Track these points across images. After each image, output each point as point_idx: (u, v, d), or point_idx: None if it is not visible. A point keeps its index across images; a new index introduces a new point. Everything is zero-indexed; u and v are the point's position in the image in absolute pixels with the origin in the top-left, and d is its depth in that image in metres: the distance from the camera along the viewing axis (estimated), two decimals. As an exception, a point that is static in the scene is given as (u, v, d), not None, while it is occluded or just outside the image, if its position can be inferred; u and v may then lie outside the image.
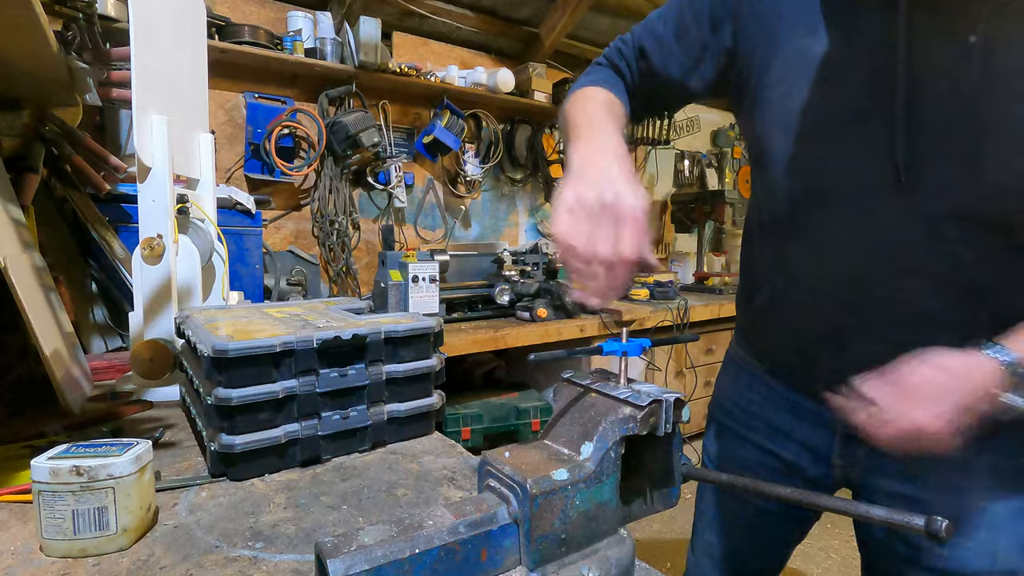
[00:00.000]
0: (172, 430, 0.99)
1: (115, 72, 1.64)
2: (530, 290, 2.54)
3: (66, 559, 0.61)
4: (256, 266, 2.09)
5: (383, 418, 0.92)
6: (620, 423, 0.54)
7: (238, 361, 0.77)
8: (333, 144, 2.59)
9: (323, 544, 0.45)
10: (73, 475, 0.60)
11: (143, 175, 1.12)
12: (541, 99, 3.14)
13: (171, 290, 1.14)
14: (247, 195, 2.15)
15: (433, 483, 0.81)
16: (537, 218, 3.56)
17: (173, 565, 0.60)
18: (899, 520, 0.49)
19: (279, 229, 2.67)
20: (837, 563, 2.29)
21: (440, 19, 2.90)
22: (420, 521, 0.49)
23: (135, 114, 1.04)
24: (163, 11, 1.18)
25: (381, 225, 2.93)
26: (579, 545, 0.53)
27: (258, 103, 2.47)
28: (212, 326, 0.88)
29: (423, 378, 0.96)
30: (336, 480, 0.81)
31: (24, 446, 0.88)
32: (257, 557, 0.62)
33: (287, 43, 2.43)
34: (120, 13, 1.76)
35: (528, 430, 2.54)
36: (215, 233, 1.37)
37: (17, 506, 0.72)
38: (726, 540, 1.00)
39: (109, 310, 1.77)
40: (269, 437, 0.81)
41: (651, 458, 0.59)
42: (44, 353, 0.93)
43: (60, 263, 1.61)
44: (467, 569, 0.48)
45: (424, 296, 2.23)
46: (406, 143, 2.99)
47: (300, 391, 0.83)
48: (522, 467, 0.51)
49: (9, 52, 1.07)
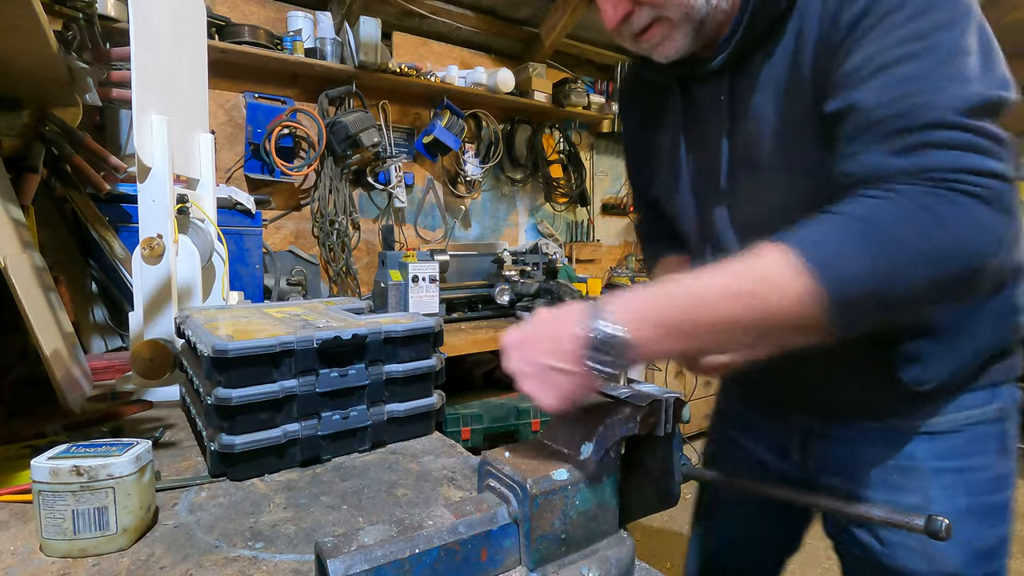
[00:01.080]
0: (172, 430, 0.99)
1: (115, 72, 1.64)
2: (530, 290, 2.53)
3: (66, 559, 0.61)
4: (256, 266, 2.09)
5: (383, 418, 0.92)
6: (620, 423, 0.54)
7: (238, 361, 0.77)
8: (333, 144, 2.59)
9: (323, 544, 0.45)
10: (73, 475, 0.60)
11: (143, 175, 1.12)
12: (541, 99, 3.14)
13: (171, 290, 1.14)
14: (247, 195, 2.15)
15: (433, 483, 0.80)
16: (537, 218, 3.56)
17: (173, 565, 0.60)
18: (899, 520, 0.49)
19: (279, 229, 2.67)
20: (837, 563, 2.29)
21: (440, 19, 2.90)
22: (420, 521, 0.49)
23: (135, 114, 1.04)
24: (163, 11, 1.18)
25: (381, 225, 2.93)
26: (579, 545, 0.53)
27: (258, 103, 2.47)
28: (212, 326, 0.88)
29: (423, 378, 0.96)
30: (336, 480, 0.81)
31: (24, 446, 0.88)
32: (257, 557, 0.62)
33: (287, 43, 2.44)
34: (120, 13, 1.76)
35: (528, 430, 2.54)
36: (215, 233, 1.37)
37: (17, 506, 0.72)
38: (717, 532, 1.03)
39: (109, 310, 1.77)
40: (269, 437, 0.81)
41: (651, 458, 0.59)
42: (44, 353, 0.93)
43: (60, 263, 1.61)
44: (467, 569, 0.48)
45: (424, 296, 2.23)
46: (406, 143, 2.99)
47: (300, 391, 0.83)
48: (522, 467, 0.52)
49: (9, 52, 1.07)
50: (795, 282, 0.50)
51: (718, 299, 0.52)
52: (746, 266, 0.53)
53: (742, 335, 0.53)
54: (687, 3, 0.66)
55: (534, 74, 3.11)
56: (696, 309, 0.53)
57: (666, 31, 0.69)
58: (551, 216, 3.63)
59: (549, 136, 3.48)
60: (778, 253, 0.52)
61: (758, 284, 0.51)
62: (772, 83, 0.67)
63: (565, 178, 3.58)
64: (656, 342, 0.53)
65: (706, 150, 0.77)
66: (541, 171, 3.43)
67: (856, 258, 0.50)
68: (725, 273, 0.54)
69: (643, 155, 0.92)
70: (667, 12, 0.67)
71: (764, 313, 0.51)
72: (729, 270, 0.54)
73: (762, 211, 0.73)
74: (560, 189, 3.55)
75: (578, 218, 3.73)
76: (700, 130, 0.78)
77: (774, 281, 0.51)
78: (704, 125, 0.77)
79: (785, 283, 0.50)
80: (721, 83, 0.73)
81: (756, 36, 0.67)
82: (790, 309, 0.50)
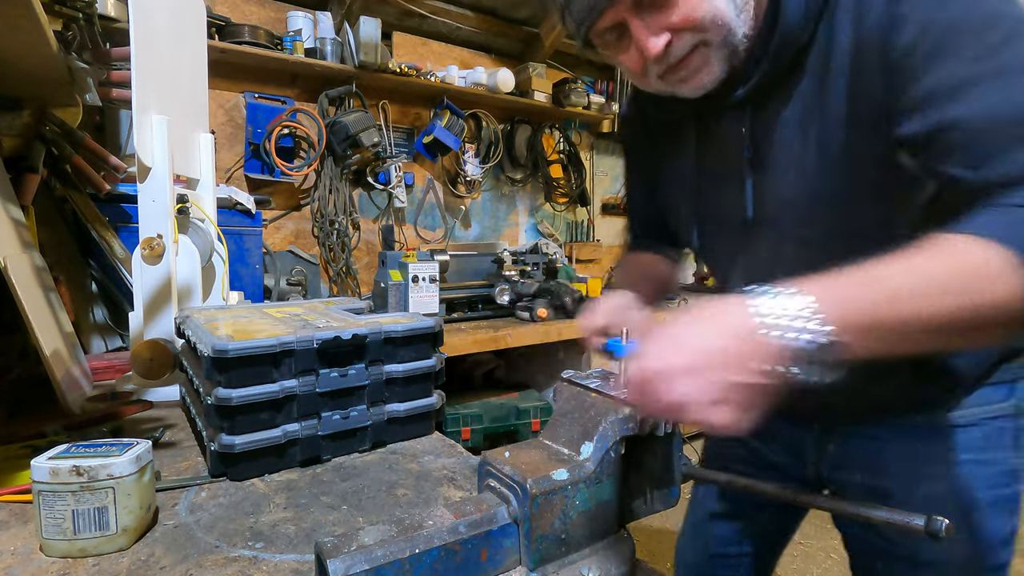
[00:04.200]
0: (172, 430, 0.99)
1: (115, 72, 1.64)
2: (530, 290, 2.53)
3: (66, 559, 0.61)
4: (256, 266, 2.09)
5: (383, 418, 0.92)
6: (620, 423, 0.54)
7: (238, 361, 0.77)
8: (333, 144, 2.59)
9: (323, 544, 0.45)
10: (73, 475, 0.60)
11: (143, 175, 1.12)
12: (541, 99, 3.14)
13: (171, 290, 1.14)
14: (247, 195, 2.15)
15: (433, 483, 0.80)
16: (537, 218, 3.56)
17: (173, 565, 0.60)
18: (900, 520, 0.49)
19: (279, 229, 2.67)
20: (837, 563, 2.29)
21: (440, 19, 2.90)
22: (420, 521, 0.49)
23: (135, 114, 1.04)
24: (163, 11, 1.18)
25: (381, 225, 2.93)
26: (579, 545, 0.53)
27: (258, 103, 2.47)
28: (212, 326, 0.88)
29: (423, 378, 0.96)
30: (336, 480, 0.81)
31: (24, 446, 0.88)
32: (257, 557, 0.62)
33: (287, 43, 2.43)
34: (120, 13, 1.76)
35: (528, 430, 2.55)
36: (215, 233, 1.37)
37: (17, 506, 0.72)
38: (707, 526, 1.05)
39: (109, 310, 1.77)
40: (269, 437, 0.81)
41: (651, 458, 0.59)
42: (44, 353, 0.93)
43: (60, 263, 1.61)
44: (467, 569, 0.48)
45: (424, 296, 2.23)
46: (406, 143, 2.99)
47: (300, 391, 0.83)
48: (522, 467, 0.51)
49: (9, 52, 1.07)
50: (1012, 276, 0.47)
51: (922, 295, 0.48)
52: (940, 260, 0.50)
53: (950, 333, 0.50)
54: (728, 25, 0.64)
55: (534, 74, 3.11)
56: (900, 306, 0.48)
57: (705, 57, 0.66)
58: (551, 216, 3.63)
59: (549, 136, 3.48)
60: (975, 246, 0.49)
61: (969, 280, 0.48)
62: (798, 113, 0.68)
63: (565, 178, 3.58)
64: (863, 343, 0.48)
65: (726, 181, 0.78)
66: (541, 171, 3.43)
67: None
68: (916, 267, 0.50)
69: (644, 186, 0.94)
70: (709, 35, 0.64)
71: (977, 308, 0.48)
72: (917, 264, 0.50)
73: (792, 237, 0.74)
74: (560, 189, 3.55)
75: (578, 218, 3.73)
76: (718, 162, 0.78)
77: (987, 275, 0.48)
78: (723, 158, 0.77)
79: (998, 277, 0.47)
80: (742, 115, 0.72)
81: (780, 68, 0.67)
82: (1007, 304, 0.48)
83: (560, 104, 3.22)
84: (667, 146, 0.86)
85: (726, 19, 0.63)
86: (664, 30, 0.64)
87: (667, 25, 0.63)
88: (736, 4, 0.64)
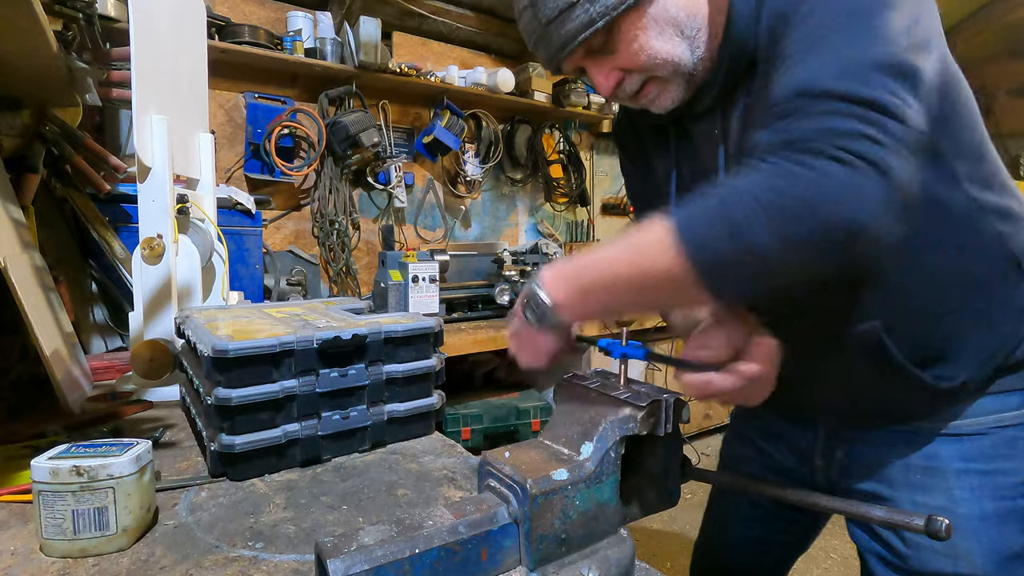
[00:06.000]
0: (172, 430, 0.99)
1: (115, 72, 1.64)
2: (530, 290, 2.53)
3: (66, 559, 0.61)
4: (256, 266, 2.09)
5: (383, 418, 0.92)
6: (620, 423, 0.54)
7: (238, 361, 0.77)
8: (333, 144, 2.59)
9: (323, 544, 0.45)
10: (73, 475, 0.60)
11: (143, 175, 1.12)
12: (541, 99, 3.14)
13: (171, 290, 1.14)
14: (247, 195, 2.15)
15: (433, 483, 0.80)
16: (537, 218, 3.56)
17: (173, 565, 0.60)
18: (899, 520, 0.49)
19: (279, 229, 2.67)
20: (837, 563, 2.29)
21: (440, 19, 2.90)
22: (420, 521, 0.49)
23: (135, 114, 1.04)
24: (163, 11, 1.18)
25: (381, 225, 2.93)
26: (579, 545, 0.53)
27: (258, 103, 2.47)
28: (212, 326, 0.88)
29: (423, 378, 0.96)
30: (336, 480, 0.81)
31: (24, 446, 0.88)
32: (257, 557, 0.62)
33: (287, 43, 2.43)
34: (120, 13, 1.76)
35: (528, 430, 2.54)
36: (215, 233, 1.37)
37: (17, 506, 0.72)
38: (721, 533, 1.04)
39: (109, 310, 1.77)
40: (269, 437, 0.81)
41: (651, 458, 0.59)
42: (44, 353, 0.93)
43: (60, 263, 1.61)
44: (467, 569, 0.48)
45: (424, 296, 2.23)
46: (406, 143, 2.99)
47: (300, 391, 0.83)
48: (522, 467, 0.51)
49: (9, 52, 1.07)
50: (668, 250, 0.55)
51: (613, 259, 0.60)
52: (638, 236, 0.59)
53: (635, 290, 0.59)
54: (673, 61, 0.69)
55: (534, 74, 3.11)
56: (600, 272, 0.60)
57: (660, 88, 0.72)
58: (551, 216, 3.63)
59: (549, 136, 3.48)
60: (660, 226, 0.57)
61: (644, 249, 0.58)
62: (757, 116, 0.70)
63: (565, 178, 3.58)
64: (573, 301, 0.60)
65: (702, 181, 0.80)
66: (541, 171, 3.43)
67: (711, 223, 0.54)
68: (622, 242, 0.60)
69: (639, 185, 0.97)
70: (656, 72, 0.70)
71: (645, 273, 0.58)
72: (626, 239, 0.60)
73: None
74: (560, 189, 3.55)
75: (578, 218, 3.73)
76: (695, 162, 0.82)
77: (656, 246, 0.57)
78: (699, 158, 0.81)
79: (660, 251, 0.56)
80: (714, 118, 0.76)
81: (737, 73, 0.71)
82: (666, 273, 0.56)
83: (560, 104, 3.22)
84: (653, 147, 0.89)
85: (669, 57, 0.68)
86: (614, 71, 0.71)
87: (615, 66, 0.70)
88: (684, 36, 0.68)
